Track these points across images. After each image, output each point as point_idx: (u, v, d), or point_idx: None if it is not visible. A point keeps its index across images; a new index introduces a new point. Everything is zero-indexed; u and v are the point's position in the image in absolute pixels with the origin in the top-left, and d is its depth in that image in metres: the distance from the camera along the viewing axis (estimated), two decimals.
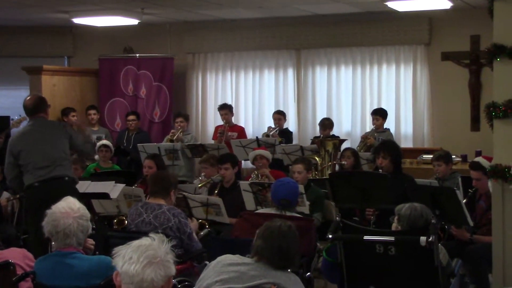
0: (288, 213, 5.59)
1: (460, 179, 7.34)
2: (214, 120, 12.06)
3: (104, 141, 9.58)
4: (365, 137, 9.89)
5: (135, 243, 2.86)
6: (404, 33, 10.98)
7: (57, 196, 4.29)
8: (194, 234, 5.80)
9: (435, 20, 10.83)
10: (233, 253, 4.09)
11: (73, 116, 10.79)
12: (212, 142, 10.54)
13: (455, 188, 6.30)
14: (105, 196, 7.00)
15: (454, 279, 5.11)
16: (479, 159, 6.83)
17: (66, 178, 6.57)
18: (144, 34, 12.36)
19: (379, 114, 10.16)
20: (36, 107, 6.76)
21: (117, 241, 4.04)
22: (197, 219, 6.83)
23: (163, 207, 5.65)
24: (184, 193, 7.07)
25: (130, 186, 7.49)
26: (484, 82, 10.45)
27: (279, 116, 10.84)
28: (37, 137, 6.63)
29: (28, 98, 6.88)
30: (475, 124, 10.64)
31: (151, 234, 2.89)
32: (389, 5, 9.81)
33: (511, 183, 4.74)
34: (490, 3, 4.91)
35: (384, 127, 10.19)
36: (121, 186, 7.08)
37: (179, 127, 10.30)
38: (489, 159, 5.66)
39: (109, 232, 6.07)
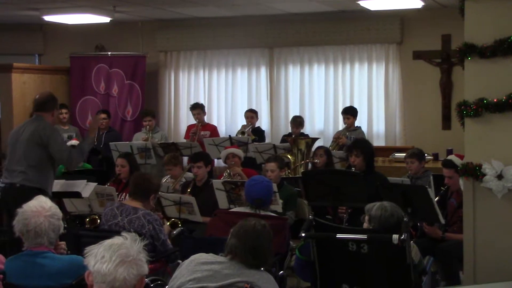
0: (262, 212, 5.59)
1: (432, 177, 7.39)
2: (186, 118, 12.03)
3: (73, 142, 9.48)
4: (337, 137, 9.92)
5: (107, 242, 2.84)
6: (376, 32, 11.03)
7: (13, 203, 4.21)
8: (168, 241, 5.71)
9: (407, 19, 10.90)
10: (207, 251, 4.08)
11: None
12: (185, 141, 10.52)
13: (427, 186, 6.34)
14: (76, 195, 6.95)
15: (425, 277, 5.14)
16: (451, 157, 6.89)
17: (18, 185, 6.40)
18: (116, 32, 12.29)
19: (350, 113, 10.20)
20: (39, 104, 6.57)
21: (89, 240, 4.01)
22: (170, 218, 6.81)
23: (139, 211, 5.52)
24: None
25: (102, 185, 7.43)
26: (455, 81, 10.53)
27: (252, 114, 10.84)
28: (22, 137, 6.49)
29: (41, 93, 6.76)
30: (446, 123, 10.73)
31: (123, 233, 2.86)
32: (361, 4, 9.85)
33: (482, 181, 4.77)
34: (461, 2, 4.94)
35: (356, 125, 10.23)
36: (93, 185, 7.04)
37: (147, 126, 10.29)
38: (461, 157, 5.70)
39: (81, 231, 6.00)
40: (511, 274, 4.55)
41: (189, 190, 7.48)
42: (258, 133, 10.63)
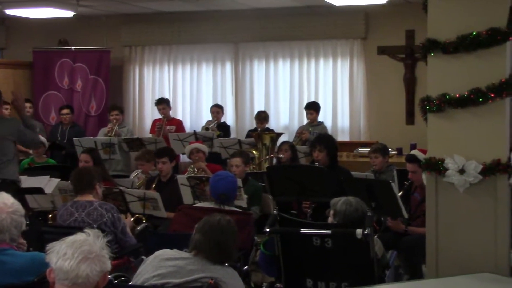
0: (227, 207, 5.59)
1: (395, 172, 7.45)
2: (151, 113, 11.97)
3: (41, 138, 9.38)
4: (300, 132, 9.97)
5: (70, 238, 2.82)
6: (341, 27, 11.07)
7: None
8: (127, 229, 5.75)
9: (372, 15, 10.96)
10: (171, 247, 4.07)
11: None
12: (150, 136, 10.47)
13: (391, 181, 6.39)
14: (39, 191, 6.88)
15: (389, 271, 5.19)
16: (415, 152, 6.94)
17: None
18: (80, 26, 12.18)
19: (312, 108, 10.26)
20: None
21: (51, 236, 3.96)
22: (134, 214, 6.77)
23: (94, 203, 5.56)
24: (121, 188, 6.99)
25: (65, 180, 7.36)
26: (419, 76, 10.62)
27: (217, 109, 10.83)
28: None
29: None
30: (410, 118, 10.82)
31: (86, 230, 2.84)
32: None
33: (444, 176, 4.82)
34: None
35: (319, 120, 10.28)
36: (56, 180, 6.98)
37: (114, 121, 10.19)
38: (424, 152, 5.75)
39: (44, 227, 5.95)
40: (472, 267, 4.61)
41: (153, 185, 7.45)
42: (224, 129, 10.63)
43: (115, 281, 4.95)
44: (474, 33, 4.71)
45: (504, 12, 4.71)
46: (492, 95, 4.68)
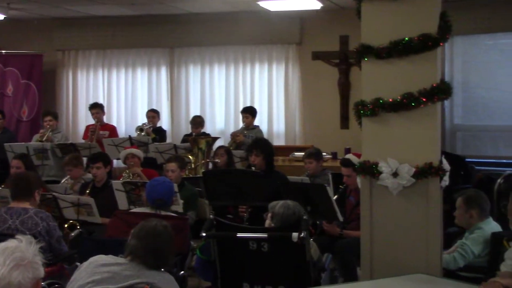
0: (163, 213, 5.55)
1: (330, 175, 7.52)
2: (85, 119, 11.82)
3: None
4: (234, 135, 9.99)
5: (1, 245, 2.75)
6: (276, 33, 11.15)
7: None
8: (62, 239, 5.65)
9: (306, 20, 11.06)
10: (106, 253, 4.01)
11: None
12: (83, 141, 10.33)
13: (326, 185, 6.45)
14: None
15: (324, 273, 5.23)
16: (349, 156, 7.02)
17: None
18: (11, 30, 11.95)
19: (249, 112, 10.30)
20: None
21: None
22: (68, 220, 6.67)
23: (29, 211, 5.45)
24: (54, 193, 6.87)
25: None
26: (353, 81, 10.77)
27: (153, 114, 10.77)
28: None
29: None
30: (344, 122, 10.94)
31: (18, 236, 2.78)
32: (261, 5, 9.92)
33: (378, 179, 4.88)
34: (358, 4, 5.04)
35: (255, 124, 10.32)
36: None
37: (48, 126, 10.01)
38: (359, 155, 5.82)
39: None
40: (406, 268, 4.68)
41: (88, 191, 7.34)
42: (160, 133, 10.57)
43: None
44: (406, 39, 4.79)
45: (435, 18, 4.82)
46: (424, 99, 4.77)
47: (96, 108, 10.51)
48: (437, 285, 4.46)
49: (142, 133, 10.06)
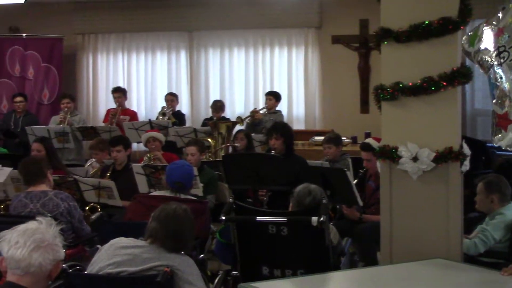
0: (182, 196, 5.57)
1: (350, 160, 7.51)
2: (105, 102, 11.86)
3: None
4: (254, 111, 10.00)
5: (21, 227, 2.78)
6: (295, 16, 11.10)
7: None
8: (83, 218, 5.70)
9: (326, 4, 11.00)
10: (126, 236, 4.05)
11: None
12: (103, 124, 10.37)
13: (345, 169, 6.44)
14: None
15: (344, 258, 5.23)
16: (369, 140, 7.00)
17: None
18: (31, 13, 11.98)
19: (273, 95, 10.29)
20: None
21: (3, 226, 3.90)
22: (89, 203, 6.71)
23: (49, 193, 5.48)
24: (75, 176, 6.91)
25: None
26: (373, 65, 10.71)
27: (172, 97, 10.78)
28: None
29: None
30: (364, 106, 10.90)
31: (38, 218, 2.81)
32: None
33: (398, 164, 4.86)
34: None
35: (276, 109, 10.30)
36: (8, 169, 6.86)
37: (65, 109, 10.05)
38: (378, 140, 5.79)
39: None
40: (426, 253, 4.67)
41: (108, 174, 7.38)
42: (179, 117, 10.58)
43: (70, 270, 4.90)
44: (426, 22, 4.75)
45: (456, 2, 4.76)
46: (444, 83, 4.73)
47: (119, 92, 10.54)
48: (457, 270, 4.44)
49: (166, 118, 10.08)
